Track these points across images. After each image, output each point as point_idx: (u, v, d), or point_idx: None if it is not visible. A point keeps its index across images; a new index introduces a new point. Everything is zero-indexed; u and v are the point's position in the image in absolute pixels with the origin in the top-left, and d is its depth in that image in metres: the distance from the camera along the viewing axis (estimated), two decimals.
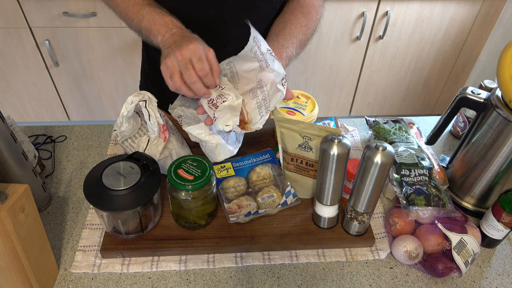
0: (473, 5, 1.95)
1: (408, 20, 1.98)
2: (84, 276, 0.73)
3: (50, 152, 0.97)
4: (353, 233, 0.78)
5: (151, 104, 0.78)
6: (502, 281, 0.75)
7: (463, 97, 0.78)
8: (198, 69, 0.69)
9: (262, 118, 0.75)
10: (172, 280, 0.73)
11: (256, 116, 0.75)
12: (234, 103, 0.73)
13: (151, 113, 0.78)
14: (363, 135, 1.05)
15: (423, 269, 0.74)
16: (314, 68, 2.14)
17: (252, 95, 0.75)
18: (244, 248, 0.76)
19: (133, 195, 0.69)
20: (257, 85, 0.75)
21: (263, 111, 0.75)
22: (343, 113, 2.39)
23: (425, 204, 0.77)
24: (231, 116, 0.72)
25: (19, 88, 2.06)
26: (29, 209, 0.62)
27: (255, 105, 0.75)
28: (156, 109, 0.79)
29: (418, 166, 0.83)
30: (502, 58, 0.70)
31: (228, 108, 0.72)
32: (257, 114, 0.75)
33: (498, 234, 0.76)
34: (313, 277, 0.74)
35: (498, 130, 0.74)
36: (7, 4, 1.76)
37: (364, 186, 0.68)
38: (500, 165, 0.77)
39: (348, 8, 1.91)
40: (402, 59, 2.14)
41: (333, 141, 0.66)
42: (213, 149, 0.81)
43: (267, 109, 0.75)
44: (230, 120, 0.72)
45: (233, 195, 0.82)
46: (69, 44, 1.92)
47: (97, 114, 2.24)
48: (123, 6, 0.80)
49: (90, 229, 0.79)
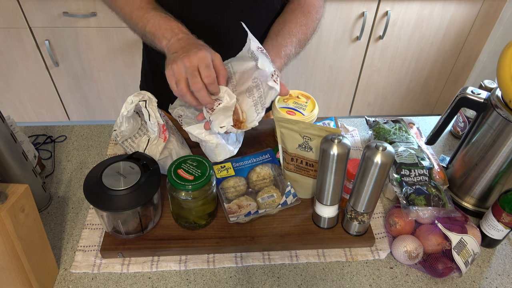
0: (473, 5, 1.95)
1: (408, 20, 1.98)
2: (84, 276, 0.73)
3: (50, 152, 0.97)
4: (353, 233, 0.78)
5: (151, 104, 0.78)
6: (502, 281, 0.75)
7: (463, 97, 0.78)
8: (205, 76, 0.69)
9: (258, 115, 0.75)
10: (172, 280, 0.73)
11: (252, 114, 0.75)
12: (229, 103, 0.73)
13: (151, 113, 0.78)
14: (363, 135, 1.05)
15: (423, 269, 0.74)
16: (314, 68, 2.14)
17: (248, 94, 0.76)
18: (244, 248, 0.76)
19: (133, 195, 0.69)
20: (253, 83, 0.76)
21: (259, 108, 0.75)
22: (343, 113, 2.39)
23: (425, 204, 0.77)
24: (225, 118, 0.72)
25: (19, 88, 2.06)
26: (29, 209, 0.62)
27: (251, 103, 0.75)
28: (156, 109, 0.79)
29: (418, 166, 0.83)
30: (502, 58, 0.70)
31: (222, 110, 0.73)
32: (253, 112, 0.75)
33: (498, 234, 0.76)
34: (313, 277, 0.74)
35: (498, 130, 0.74)
36: (7, 4, 1.76)
37: (364, 186, 0.68)
38: (500, 165, 0.77)
39: (348, 8, 1.91)
40: (402, 59, 2.14)
41: (333, 141, 0.66)
42: (213, 149, 0.81)
43: (263, 106, 0.75)
44: (224, 122, 0.72)
45: (233, 195, 0.82)
46: (69, 44, 1.92)
47: (97, 114, 2.24)
48: (128, 10, 0.80)
49: (90, 229, 0.79)
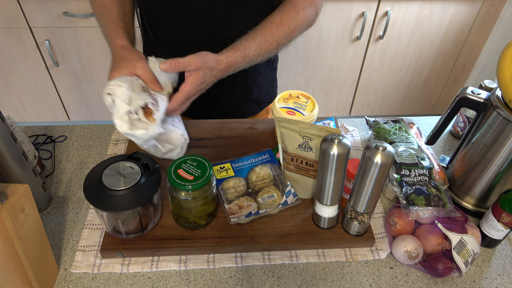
0: (473, 5, 1.95)
1: (408, 20, 1.98)
2: (84, 276, 0.73)
3: (50, 152, 0.97)
4: (353, 233, 0.78)
5: (115, 95, 0.73)
6: (502, 281, 0.75)
7: (463, 97, 0.78)
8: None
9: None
10: (172, 280, 0.73)
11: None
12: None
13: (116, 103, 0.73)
14: (363, 135, 1.05)
15: (423, 269, 0.74)
16: (314, 68, 2.14)
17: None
18: (244, 248, 0.76)
19: (133, 195, 0.69)
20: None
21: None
22: (343, 113, 2.39)
23: (425, 204, 0.77)
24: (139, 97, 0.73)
25: (19, 88, 2.06)
26: (29, 209, 0.62)
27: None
28: (121, 96, 0.74)
29: (418, 166, 0.83)
30: (502, 58, 0.70)
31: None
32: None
33: (498, 234, 0.76)
34: (313, 277, 0.74)
35: (498, 130, 0.74)
36: (7, 4, 1.76)
37: (364, 186, 0.68)
38: (500, 165, 0.77)
39: (348, 8, 1.91)
40: (402, 59, 2.14)
41: (333, 141, 0.66)
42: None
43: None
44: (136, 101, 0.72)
45: (233, 196, 0.82)
46: (69, 44, 1.92)
47: (97, 114, 2.24)
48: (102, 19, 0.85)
49: (90, 229, 0.79)
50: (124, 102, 0.71)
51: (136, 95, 0.73)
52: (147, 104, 0.73)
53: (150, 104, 0.74)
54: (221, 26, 0.92)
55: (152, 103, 0.74)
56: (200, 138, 0.98)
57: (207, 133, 0.99)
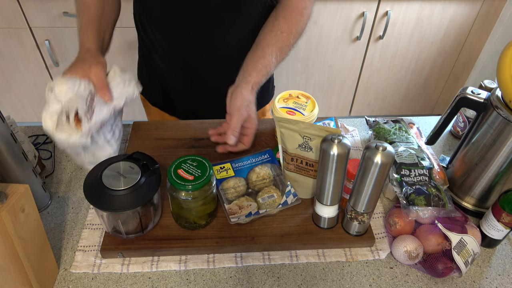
0: (473, 5, 1.95)
1: (408, 20, 1.98)
2: (84, 276, 0.73)
3: (50, 152, 0.97)
4: (353, 233, 0.78)
5: (50, 91, 0.73)
6: (502, 281, 0.75)
7: (463, 97, 0.78)
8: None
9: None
10: (172, 280, 0.73)
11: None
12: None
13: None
14: (363, 135, 1.05)
15: (423, 269, 0.74)
16: (314, 68, 2.14)
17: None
18: (244, 248, 0.76)
19: (133, 195, 0.69)
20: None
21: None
22: (343, 113, 2.39)
23: (425, 204, 0.77)
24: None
25: (19, 88, 2.06)
26: (29, 209, 0.62)
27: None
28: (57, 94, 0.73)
29: (418, 166, 0.83)
30: (502, 58, 0.70)
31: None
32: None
33: (498, 234, 0.76)
34: (313, 277, 0.74)
35: (498, 130, 0.74)
36: (7, 4, 1.76)
37: (364, 186, 0.68)
38: (500, 165, 0.77)
39: (348, 8, 1.91)
40: (402, 59, 2.14)
41: (333, 141, 0.66)
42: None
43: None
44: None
45: (233, 196, 0.82)
46: (69, 44, 1.92)
47: None
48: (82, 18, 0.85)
49: (90, 229, 0.79)
50: (59, 101, 0.70)
51: (75, 98, 0.71)
52: (78, 110, 0.70)
53: (81, 111, 0.70)
54: (214, 25, 0.92)
55: (85, 112, 0.71)
56: (200, 138, 0.98)
57: (207, 133, 0.98)
